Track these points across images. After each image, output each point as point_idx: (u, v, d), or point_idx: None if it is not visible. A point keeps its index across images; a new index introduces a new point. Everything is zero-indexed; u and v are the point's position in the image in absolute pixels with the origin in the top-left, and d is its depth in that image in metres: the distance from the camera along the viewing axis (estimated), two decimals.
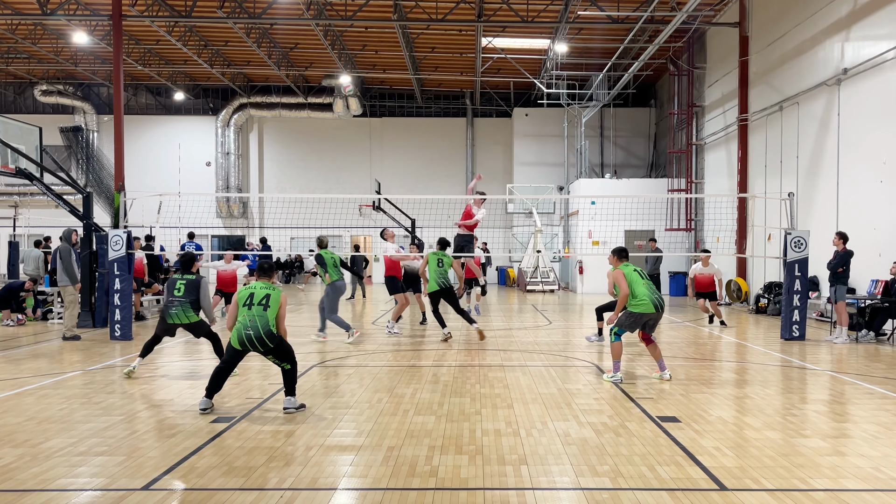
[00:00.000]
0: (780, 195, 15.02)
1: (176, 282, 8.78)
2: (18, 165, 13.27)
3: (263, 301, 6.89)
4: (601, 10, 20.14)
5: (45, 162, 14.95)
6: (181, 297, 8.67)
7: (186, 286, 8.69)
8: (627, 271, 8.39)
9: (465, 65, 28.71)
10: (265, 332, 6.79)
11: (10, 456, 5.44)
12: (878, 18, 13.58)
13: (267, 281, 7.20)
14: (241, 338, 6.81)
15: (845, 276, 11.85)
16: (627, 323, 8.38)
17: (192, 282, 8.77)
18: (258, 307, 6.87)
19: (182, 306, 8.63)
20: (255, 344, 6.79)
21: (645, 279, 8.36)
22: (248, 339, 6.78)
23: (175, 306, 8.63)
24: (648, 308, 8.22)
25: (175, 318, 8.63)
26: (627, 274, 8.36)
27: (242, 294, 7.00)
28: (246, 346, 6.82)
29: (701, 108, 23.70)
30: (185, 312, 8.62)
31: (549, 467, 5.16)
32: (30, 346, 11.65)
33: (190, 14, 21.34)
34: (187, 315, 8.65)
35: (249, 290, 7.02)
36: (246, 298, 6.94)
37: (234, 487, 4.74)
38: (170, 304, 8.67)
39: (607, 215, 22.73)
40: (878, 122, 13.47)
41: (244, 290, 7.05)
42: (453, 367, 9.36)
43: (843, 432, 6.17)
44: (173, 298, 8.68)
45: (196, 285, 8.74)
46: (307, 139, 33.05)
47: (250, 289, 7.04)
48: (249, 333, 6.77)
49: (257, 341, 6.78)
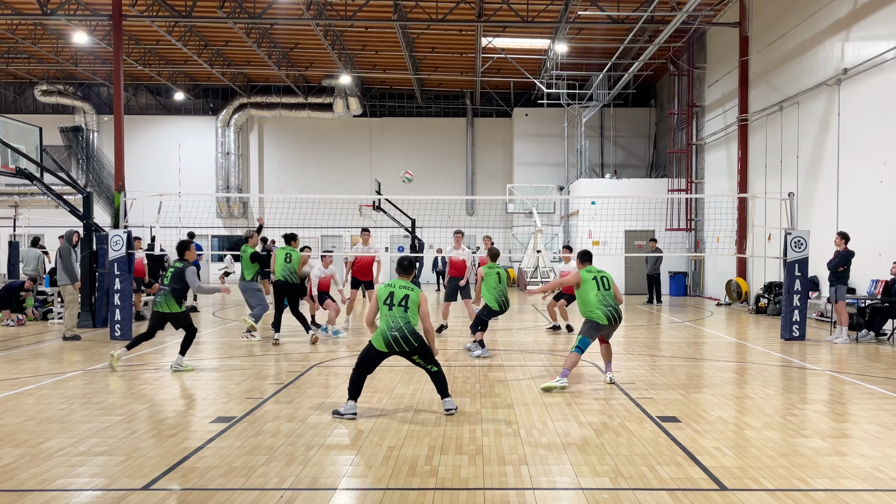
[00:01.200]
0: (780, 195, 15.03)
1: (168, 269, 8.99)
2: (18, 165, 13.27)
3: (403, 302, 6.69)
4: (601, 10, 20.13)
5: (45, 162, 14.95)
6: (166, 286, 8.84)
7: (173, 274, 8.84)
8: (586, 277, 8.16)
9: (465, 65, 28.71)
10: (409, 332, 6.61)
11: (10, 456, 5.44)
12: (878, 18, 13.58)
13: (406, 279, 6.94)
14: (386, 339, 6.59)
15: (845, 276, 11.85)
16: (588, 331, 8.13)
17: (178, 270, 8.87)
18: (399, 308, 6.67)
19: (165, 295, 8.79)
20: (402, 344, 6.60)
21: (602, 289, 8.08)
22: (393, 341, 6.58)
23: (160, 294, 8.82)
24: (600, 319, 8.00)
25: (158, 307, 8.82)
26: (585, 279, 8.14)
27: (382, 292, 6.77)
28: (392, 348, 6.61)
29: (701, 108, 23.70)
30: (166, 301, 8.78)
31: (549, 467, 5.16)
32: (30, 346, 11.65)
33: (190, 14, 21.34)
34: (168, 304, 8.78)
35: (389, 289, 6.77)
36: (386, 297, 6.72)
37: (234, 487, 4.74)
38: (158, 292, 8.90)
39: (607, 215, 22.73)
40: (878, 122, 13.47)
41: (383, 289, 6.80)
42: (453, 367, 9.36)
43: (843, 432, 6.17)
44: (161, 287, 8.89)
45: (181, 274, 8.83)
46: (307, 139, 33.05)
47: (390, 287, 6.80)
48: (395, 334, 6.58)
49: (403, 342, 6.59)
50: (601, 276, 8.24)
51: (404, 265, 7.04)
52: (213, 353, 10.81)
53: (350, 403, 6.65)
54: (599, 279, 8.18)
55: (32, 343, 11.95)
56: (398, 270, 7.00)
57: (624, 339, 12.48)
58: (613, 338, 12.44)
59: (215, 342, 12.10)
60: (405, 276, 6.98)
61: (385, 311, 6.68)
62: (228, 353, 10.83)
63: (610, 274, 8.41)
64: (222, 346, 11.61)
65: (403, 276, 6.97)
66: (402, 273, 6.99)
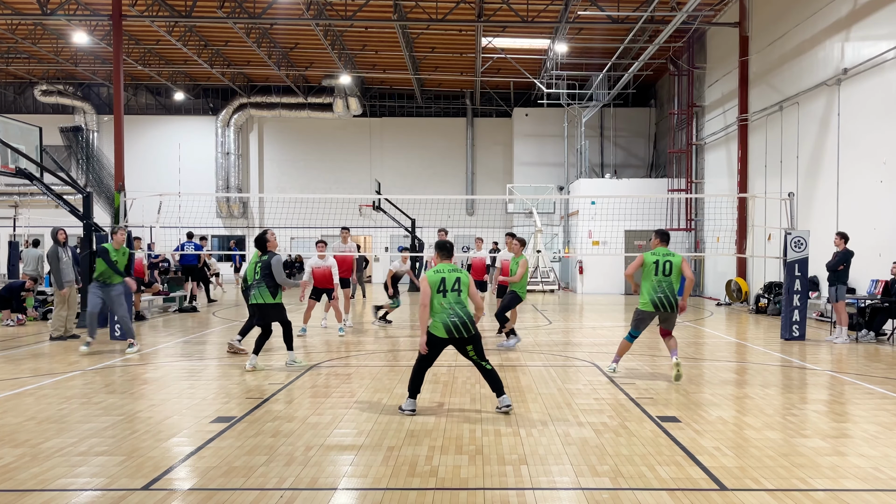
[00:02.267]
0: (780, 195, 15.03)
1: (255, 265, 9.24)
2: (18, 165, 13.27)
3: (456, 286, 6.54)
4: (601, 10, 20.13)
5: (45, 162, 14.95)
6: (257, 279, 9.10)
7: (262, 268, 9.09)
8: (649, 259, 8.29)
9: (465, 65, 28.71)
10: (468, 318, 6.51)
11: (10, 456, 5.44)
12: (878, 18, 13.58)
13: (449, 262, 6.79)
14: (447, 326, 6.44)
15: (845, 276, 11.85)
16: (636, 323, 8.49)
17: (265, 262, 9.11)
18: (453, 293, 6.52)
19: (259, 288, 9.05)
20: (461, 330, 6.46)
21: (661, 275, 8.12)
22: (454, 327, 6.44)
23: (256, 287, 9.10)
24: (645, 306, 8.27)
25: (254, 298, 9.08)
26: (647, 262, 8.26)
27: (433, 280, 6.55)
28: (453, 334, 6.46)
29: (701, 108, 23.70)
30: (261, 293, 9.04)
31: (549, 467, 5.16)
32: (30, 346, 11.65)
33: (190, 14, 21.34)
34: (263, 296, 9.03)
35: (439, 276, 6.56)
36: (438, 284, 6.53)
37: (234, 487, 4.74)
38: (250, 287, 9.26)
39: (607, 215, 22.73)
40: (877, 121, 13.47)
41: (434, 276, 6.58)
42: (453, 367, 9.36)
43: (843, 432, 6.17)
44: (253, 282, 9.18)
45: (268, 265, 9.07)
46: (307, 139, 33.05)
47: (439, 273, 6.58)
48: (455, 320, 6.46)
49: (463, 327, 6.47)
50: (665, 259, 8.11)
51: (448, 248, 6.86)
52: (214, 353, 10.80)
53: (410, 401, 6.69)
54: (663, 264, 8.11)
55: (32, 343, 11.95)
56: (442, 255, 6.82)
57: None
58: (613, 338, 12.48)
59: (215, 342, 12.10)
60: (448, 259, 6.82)
61: (440, 299, 6.51)
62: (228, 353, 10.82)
63: (679, 256, 8.20)
64: (222, 346, 11.60)
65: (447, 259, 6.81)
66: (446, 257, 6.82)
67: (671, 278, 8.08)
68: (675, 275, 8.10)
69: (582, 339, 12.28)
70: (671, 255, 8.19)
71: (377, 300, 21.85)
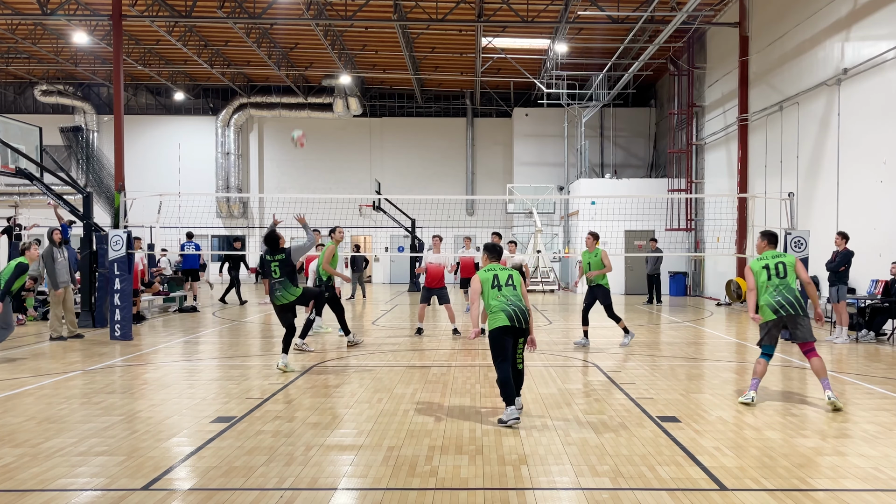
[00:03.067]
0: (780, 195, 15.03)
1: (269, 264, 9.05)
2: (18, 165, 13.27)
3: (510, 281, 6.80)
4: (601, 10, 20.13)
5: (45, 162, 14.95)
6: (277, 279, 9.02)
7: (280, 266, 9.02)
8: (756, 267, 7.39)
9: (465, 65, 28.71)
10: (525, 310, 6.68)
11: (10, 456, 5.44)
12: (878, 18, 13.58)
13: (497, 262, 7.09)
14: (509, 314, 6.57)
15: (845, 276, 11.85)
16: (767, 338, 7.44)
17: (281, 260, 9.05)
18: (508, 287, 6.76)
19: (283, 287, 8.98)
20: (521, 319, 6.62)
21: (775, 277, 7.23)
22: (515, 316, 6.57)
23: (277, 290, 9.00)
24: (766, 315, 7.27)
25: (279, 300, 9.00)
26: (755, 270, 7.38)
27: (485, 277, 6.83)
28: (514, 322, 6.57)
29: (701, 108, 23.70)
30: (286, 292, 8.97)
31: (549, 467, 5.16)
32: (30, 346, 11.65)
33: (190, 14, 21.34)
34: (287, 294, 8.98)
35: (491, 273, 6.85)
36: (492, 281, 6.80)
37: (234, 487, 4.74)
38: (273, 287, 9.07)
39: (607, 215, 22.73)
40: (878, 122, 13.47)
41: (485, 274, 6.87)
42: (453, 367, 9.36)
43: (843, 432, 6.17)
44: (274, 281, 9.05)
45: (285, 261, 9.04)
46: (307, 139, 33.01)
47: (491, 271, 6.87)
48: (514, 309, 6.60)
49: (522, 317, 6.62)
50: (776, 261, 7.33)
51: (498, 251, 7.19)
52: (214, 353, 10.81)
53: (510, 409, 6.34)
54: (773, 266, 7.32)
55: (32, 343, 11.95)
56: (491, 257, 7.10)
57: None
58: (613, 338, 12.48)
59: (215, 342, 12.10)
60: (497, 260, 7.12)
61: (496, 294, 6.73)
62: (228, 352, 10.82)
63: (791, 257, 7.39)
64: (222, 346, 11.61)
65: (496, 260, 7.11)
66: (496, 258, 7.12)
67: (788, 280, 7.26)
68: (791, 276, 7.28)
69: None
70: (781, 255, 7.41)
71: (377, 300, 21.84)
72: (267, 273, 9.06)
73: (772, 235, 7.65)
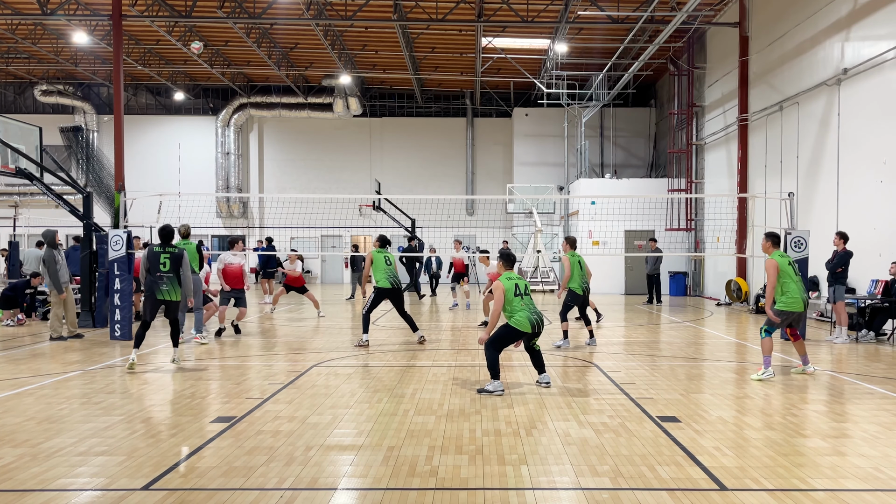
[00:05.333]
0: (780, 195, 15.02)
1: (160, 255, 8.79)
2: (18, 165, 13.27)
3: (528, 291, 7.75)
4: (601, 10, 20.13)
5: (45, 162, 14.94)
6: (168, 273, 8.81)
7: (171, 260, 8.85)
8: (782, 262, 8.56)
9: (465, 65, 28.70)
10: (541, 314, 7.75)
11: (10, 456, 5.44)
12: (878, 18, 13.58)
13: (511, 270, 7.94)
14: (532, 322, 7.62)
15: (844, 276, 11.85)
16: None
17: (175, 256, 8.87)
18: (527, 297, 7.72)
19: (171, 282, 8.81)
20: (540, 326, 7.69)
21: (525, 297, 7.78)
22: (536, 323, 7.64)
23: (164, 283, 8.77)
24: (526, 328, 7.66)
25: (166, 295, 8.87)
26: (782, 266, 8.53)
27: (509, 286, 7.66)
28: (534, 329, 7.64)
29: (701, 108, 23.70)
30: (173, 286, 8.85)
31: (549, 467, 5.16)
32: (30, 346, 11.65)
33: (190, 14, 21.33)
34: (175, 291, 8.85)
35: (513, 282, 7.70)
36: (514, 289, 7.67)
37: (234, 487, 4.74)
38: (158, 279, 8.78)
39: (607, 215, 22.72)
40: (878, 122, 13.47)
41: (508, 283, 7.68)
42: (453, 367, 9.36)
43: (843, 432, 6.17)
44: (161, 274, 8.78)
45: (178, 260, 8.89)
46: (307, 139, 33.04)
47: (512, 280, 7.72)
48: (536, 318, 7.65)
49: (540, 323, 7.69)
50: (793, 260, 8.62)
51: (512, 259, 8.04)
52: (213, 354, 10.80)
53: (497, 382, 7.61)
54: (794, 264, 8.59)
55: (32, 343, 11.95)
56: (507, 265, 7.95)
57: (624, 339, 12.49)
58: (612, 338, 12.49)
59: (215, 342, 12.09)
60: (511, 268, 7.96)
61: (519, 302, 7.65)
62: (228, 353, 10.82)
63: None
64: (222, 345, 11.60)
65: (510, 268, 7.96)
66: (511, 266, 7.97)
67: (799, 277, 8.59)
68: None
69: (582, 339, 12.27)
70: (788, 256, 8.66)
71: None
72: (155, 265, 8.85)
73: (777, 237, 8.77)
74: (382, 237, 12.11)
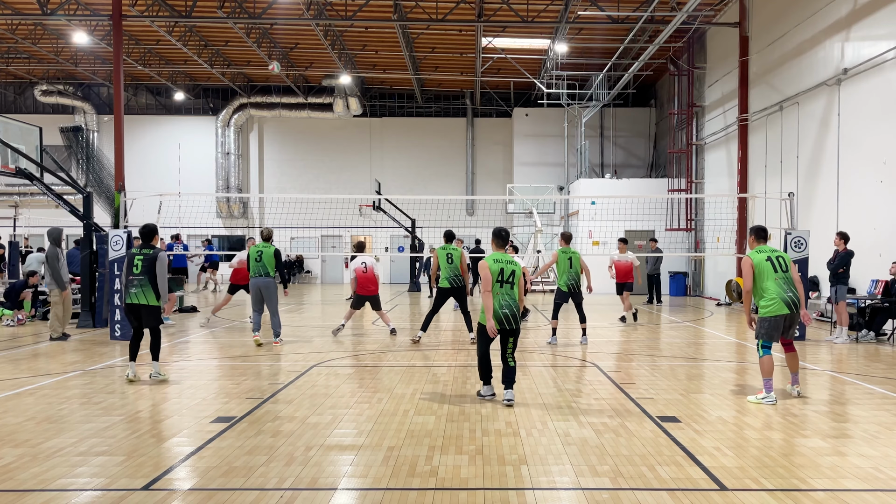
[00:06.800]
0: (780, 195, 15.02)
1: (134, 257, 8.16)
2: (18, 165, 13.27)
3: (510, 279, 6.71)
4: (601, 10, 20.13)
5: (45, 162, 14.94)
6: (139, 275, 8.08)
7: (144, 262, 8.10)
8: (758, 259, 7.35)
9: (465, 65, 28.70)
10: (517, 310, 6.68)
11: (10, 456, 5.44)
12: (878, 18, 13.58)
13: (503, 251, 6.92)
14: (499, 317, 6.69)
15: (845, 277, 11.85)
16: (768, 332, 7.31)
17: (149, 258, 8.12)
18: (507, 285, 6.71)
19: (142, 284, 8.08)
20: (512, 322, 6.68)
21: (781, 272, 7.14)
22: (505, 319, 6.66)
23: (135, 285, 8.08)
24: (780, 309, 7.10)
25: (135, 298, 8.09)
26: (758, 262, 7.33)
27: (494, 268, 6.72)
28: (504, 325, 6.68)
29: (701, 108, 23.70)
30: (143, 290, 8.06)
31: (549, 467, 5.16)
32: (30, 346, 11.65)
33: (190, 14, 21.33)
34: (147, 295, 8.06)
35: (499, 265, 6.74)
36: (498, 274, 6.71)
37: (234, 487, 4.74)
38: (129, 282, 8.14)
39: (607, 215, 22.72)
40: (878, 122, 13.47)
41: (494, 265, 6.74)
42: (453, 367, 9.36)
43: (843, 432, 6.17)
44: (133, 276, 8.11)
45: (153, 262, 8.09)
46: (307, 139, 33.04)
47: (499, 263, 6.76)
48: (506, 312, 6.70)
49: (514, 320, 6.67)
50: (776, 255, 7.23)
51: (503, 236, 6.94)
52: (213, 353, 10.80)
53: (487, 387, 7.16)
54: (775, 259, 7.18)
55: (32, 343, 11.95)
56: (498, 244, 6.92)
57: (624, 339, 12.49)
58: (613, 337, 12.48)
59: (215, 342, 12.10)
60: (502, 248, 6.93)
61: (497, 289, 6.69)
62: (228, 352, 10.82)
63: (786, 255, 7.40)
64: (222, 346, 11.61)
65: (501, 248, 6.92)
66: (501, 245, 6.92)
67: (789, 275, 7.20)
68: (790, 272, 7.26)
69: (575, 338, 12.26)
70: (777, 251, 7.37)
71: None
72: (129, 267, 8.17)
73: (761, 230, 7.70)
74: (448, 233, 11.77)
